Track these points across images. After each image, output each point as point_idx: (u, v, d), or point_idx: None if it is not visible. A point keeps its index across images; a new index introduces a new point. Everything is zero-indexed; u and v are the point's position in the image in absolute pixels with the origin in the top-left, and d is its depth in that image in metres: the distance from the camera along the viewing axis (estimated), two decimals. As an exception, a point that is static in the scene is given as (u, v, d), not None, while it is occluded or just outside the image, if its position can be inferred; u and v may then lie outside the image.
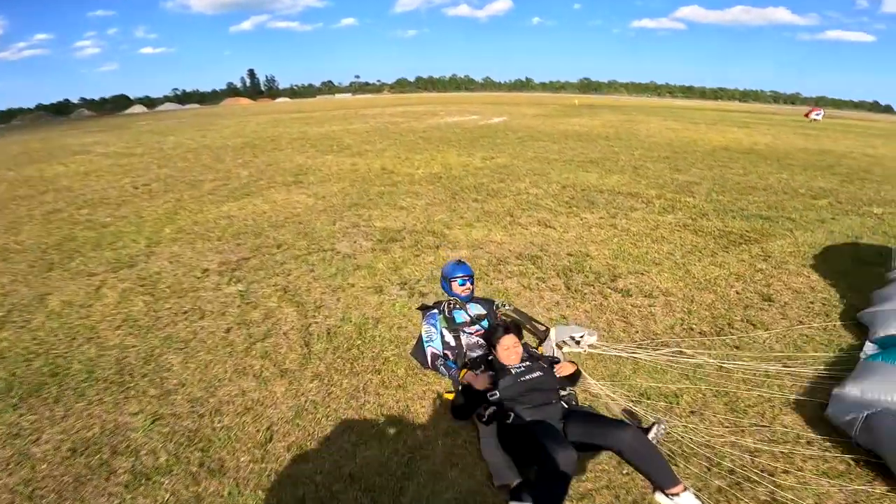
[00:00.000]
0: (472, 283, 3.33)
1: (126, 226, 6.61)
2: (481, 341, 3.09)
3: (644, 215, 6.61)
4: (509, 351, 2.66)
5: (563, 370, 2.80)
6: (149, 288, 4.54)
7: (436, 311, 3.24)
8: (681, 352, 3.30)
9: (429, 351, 3.02)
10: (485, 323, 3.24)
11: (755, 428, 2.59)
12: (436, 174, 9.66)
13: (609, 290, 4.30)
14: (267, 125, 22.97)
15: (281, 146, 14.51)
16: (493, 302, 3.50)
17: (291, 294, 4.33)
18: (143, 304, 4.21)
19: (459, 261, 3.43)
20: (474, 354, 3.00)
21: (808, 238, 5.74)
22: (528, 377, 2.55)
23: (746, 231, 5.93)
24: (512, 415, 2.38)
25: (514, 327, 2.81)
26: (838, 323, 3.68)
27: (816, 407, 2.70)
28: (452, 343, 3.09)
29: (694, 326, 3.68)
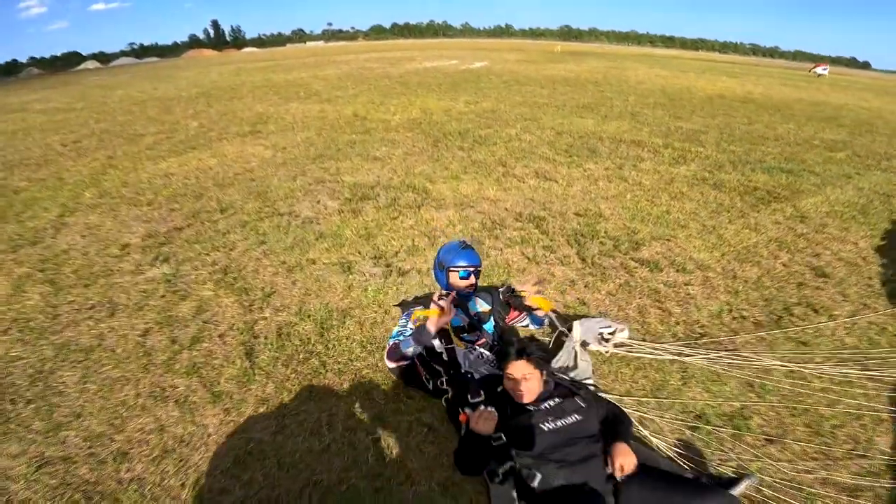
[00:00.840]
0: (477, 277, 2.40)
1: (41, 191, 5.33)
2: (488, 355, 2.19)
3: (654, 166, 5.77)
4: (518, 385, 1.69)
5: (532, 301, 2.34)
6: (50, 273, 3.48)
7: (419, 308, 2.31)
8: (736, 351, 2.57)
9: (390, 342, 2.18)
10: (489, 326, 2.36)
11: (849, 458, 1.93)
12: (415, 120, 8.49)
13: (633, 263, 3.50)
14: (229, 74, 20.55)
15: (241, 95, 12.77)
16: (497, 290, 2.56)
17: (233, 277, 3.36)
18: (39, 296, 3.18)
19: (464, 243, 2.40)
20: (478, 375, 2.09)
21: (840, 196, 5.06)
22: (556, 423, 1.64)
23: (772, 186, 5.19)
24: (538, 476, 1.56)
25: (528, 349, 1.72)
26: None
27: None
28: (445, 356, 2.13)
29: (745, 313, 2.94)
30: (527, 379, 1.69)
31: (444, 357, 2.12)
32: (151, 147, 7.16)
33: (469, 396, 1.81)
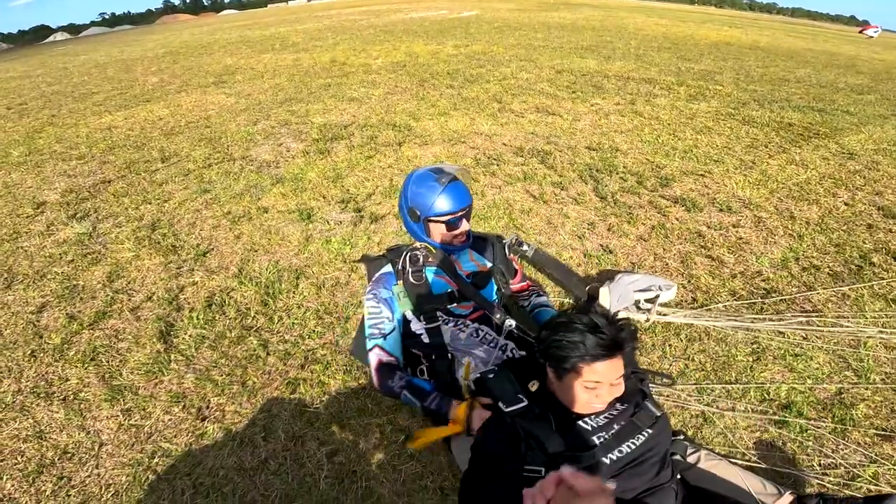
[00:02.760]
0: (469, 220, 1.55)
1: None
2: (487, 332, 1.44)
3: (671, 102, 5.04)
4: (597, 391, 0.99)
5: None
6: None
7: (390, 271, 1.53)
8: (818, 314, 1.96)
9: (373, 358, 1.40)
10: (491, 291, 1.55)
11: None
12: (398, 62, 7.56)
13: (664, 202, 2.85)
14: (202, 34, 18.75)
15: (211, 51, 11.47)
16: (501, 240, 1.73)
17: (161, 234, 2.64)
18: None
19: (441, 173, 1.48)
20: (476, 360, 1.38)
21: (882, 134, 4.42)
22: (622, 450, 0.98)
23: (809, 123, 4.52)
24: None
25: (624, 333, 1.00)
26: None
27: None
28: (425, 338, 1.43)
29: (816, 262, 2.32)
30: (615, 385, 0.99)
31: (425, 339, 1.43)
32: (100, 104, 6.14)
33: (499, 401, 1.08)
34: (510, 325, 1.43)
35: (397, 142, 3.85)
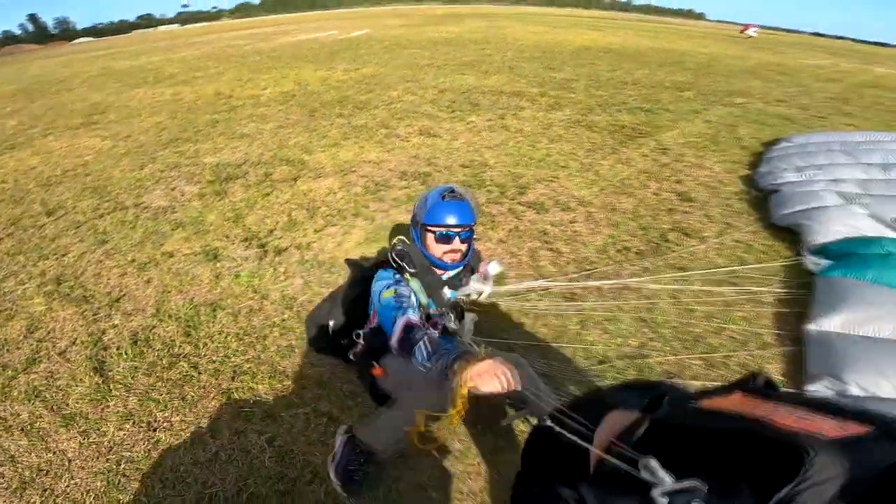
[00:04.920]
0: (469, 243, 1.69)
1: None
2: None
3: (533, 114, 5.90)
4: None
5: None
6: None
7: (391, 271, 1.64)
8: (625, 285, 2.67)
9: (402, 321, 1.42)
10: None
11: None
12: (288, 93, 7.75)
13: (520, 207, 3.51)
14: (56, 67, 16.94)
15: (71, 86, 10.62)
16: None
17: (69, 286, 2.76)
18: None
19: (452, 192, 1.61)
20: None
21: (692, 128, 5.61)
22: None
23: (636, 124, 5.59)
24: None
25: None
26: (762, 221, 3.37)
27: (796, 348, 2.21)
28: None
29: (628, 244, 3.08)
30: None
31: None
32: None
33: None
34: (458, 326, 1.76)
35: (292, 177, 4.16)
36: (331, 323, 1.88)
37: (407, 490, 1.58)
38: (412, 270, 1.62)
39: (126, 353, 2.19)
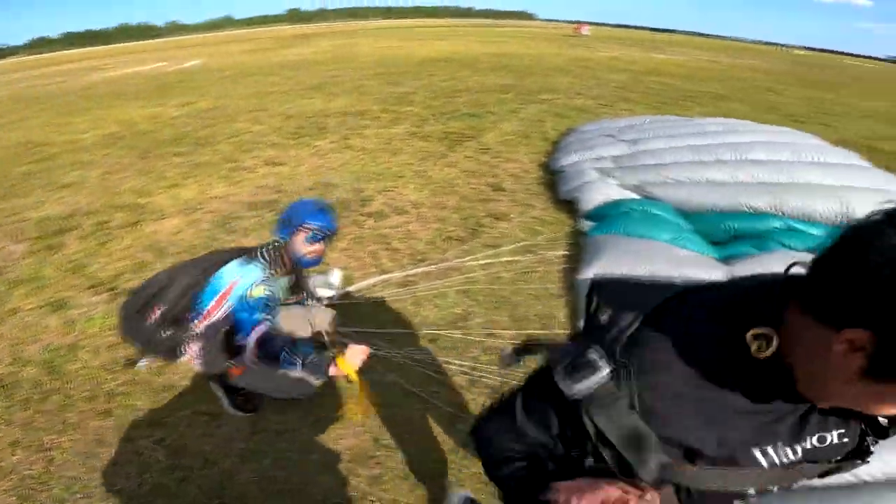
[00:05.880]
0: (328, 245, 1.98)
1: None
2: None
3: (376, 131, 6.43)
4: None
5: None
6: None
7: (262, 264, 1.79)
8: (449, 266, 3.26)
9: (260, 329, 1.67)
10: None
11: (543, 333, 2.62)
12: (113, 134, 7.19)
13: (363, 218, 3.96)
14: None
15: None
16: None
17: None
18: None
19: (322, 204, 1.98)
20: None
21: (509, 127, 6.64)
22: None
23: (464, 129, 6.44)
24: None
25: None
26: (552, 199, 4.25)
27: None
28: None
29: (451, 233, 3.69)
30: None
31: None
32: None
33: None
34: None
35: (132, 222, 4.06)
36: (158, 312, 1.77)
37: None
38: (283, 268, 1.89)
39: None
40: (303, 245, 1.87)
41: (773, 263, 2.78)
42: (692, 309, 0.60)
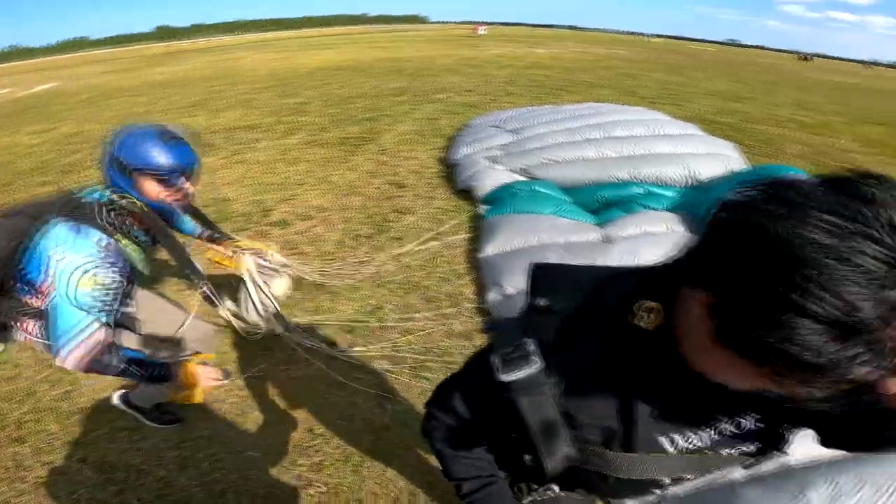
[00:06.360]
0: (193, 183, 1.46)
1: None
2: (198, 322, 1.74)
3: (270, 143, 6.25)
4: None
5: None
6: None
7: (98, 232, 1.29)
8: (359, 261, 3.34)
9: (97, 336, 1.25)
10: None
11: (453, 309, 2.82)
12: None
13: (267, 227, 3.89)
14: None
15: None
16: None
17: None
18: None
19: (167, 133, 1.35)
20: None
21: (405, 127, 6.84)
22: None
23: (362, 133, 6.52)
24: None
25: None
26: (452, 189, 4.51)
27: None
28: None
29: (359, 232, 3.78)
30: None
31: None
32: None
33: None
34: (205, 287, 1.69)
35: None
36: None
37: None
38: (133, 228, 1.39)
39: None
40: (154, 191, 1.35)
41: (637, 222, 3.29)
42: (609, 295, 0.61)
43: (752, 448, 0.62)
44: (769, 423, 0.60)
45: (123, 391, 2.00)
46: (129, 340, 1.63)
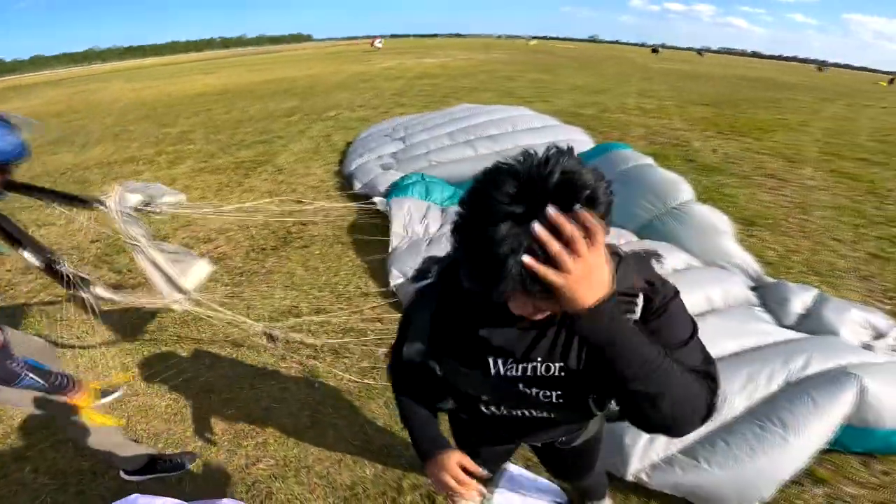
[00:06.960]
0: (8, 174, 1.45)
1: None
2: None
3: (155, 174, 6.02)
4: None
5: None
6: None
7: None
8: (269, 269, 3.53)
9: None
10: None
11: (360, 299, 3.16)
12: None
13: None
14: None
15: None
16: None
17: None
18: None
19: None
20: None
21: (299, 146, 6.97)
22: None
23: (256, 157, 6.53)
24: None
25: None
26: (350, 197, 4.81)
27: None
28: None
29: (264, 245, 3.96)
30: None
31: None
32: None
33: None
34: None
35: None
36: None
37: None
38: None
39: None
40: None
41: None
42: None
43: (554, 398, 0.77)
44: (574, 384, 0.74)
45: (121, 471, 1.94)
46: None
